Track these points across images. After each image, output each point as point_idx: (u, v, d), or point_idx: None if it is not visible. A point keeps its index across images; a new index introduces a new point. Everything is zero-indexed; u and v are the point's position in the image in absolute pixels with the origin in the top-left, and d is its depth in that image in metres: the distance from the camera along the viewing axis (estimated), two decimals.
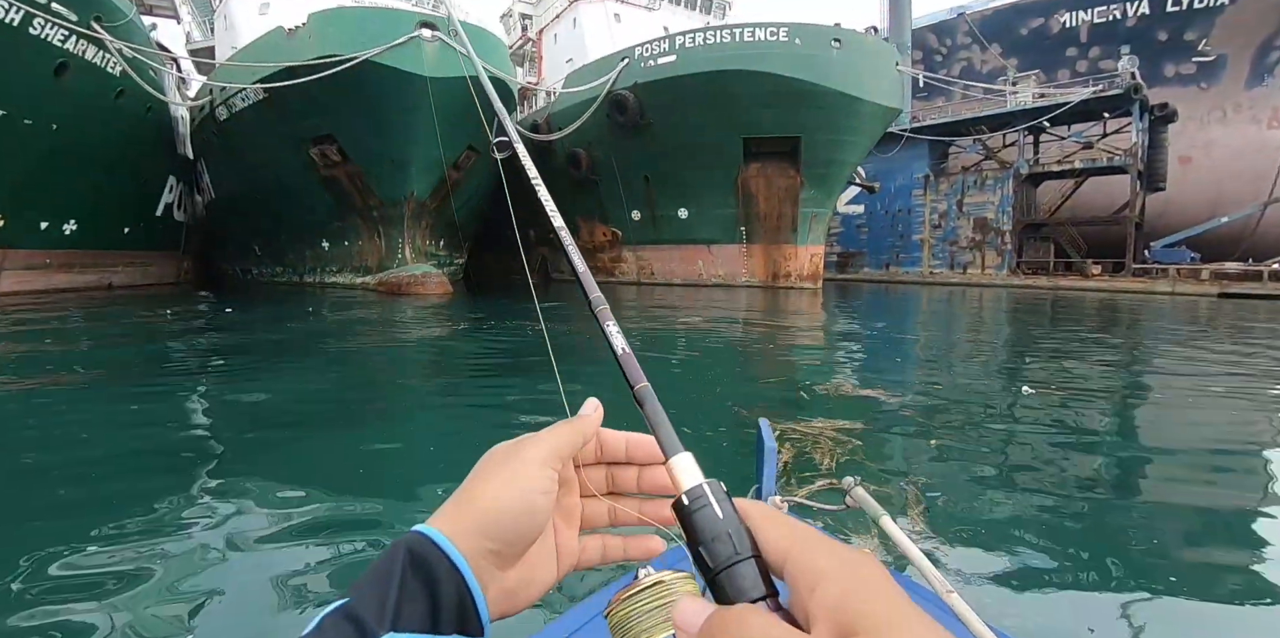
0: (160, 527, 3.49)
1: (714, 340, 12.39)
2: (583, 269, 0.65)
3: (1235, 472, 4.97)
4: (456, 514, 0.49)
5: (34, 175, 19.85)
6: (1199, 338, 13.27)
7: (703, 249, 30.97)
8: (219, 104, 25.31)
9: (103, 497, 3.94)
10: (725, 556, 0.40)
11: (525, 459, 0.50)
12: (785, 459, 4.64)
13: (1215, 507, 4.17)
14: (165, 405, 6.41)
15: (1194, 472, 4.95)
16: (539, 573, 0.53)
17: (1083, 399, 7.16)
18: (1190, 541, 3.67)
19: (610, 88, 27.86)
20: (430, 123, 21.26)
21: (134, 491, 4.07)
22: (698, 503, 0.43)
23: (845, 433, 5.46)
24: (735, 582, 0.39)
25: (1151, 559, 3.40)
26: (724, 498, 0.43)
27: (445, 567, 0.45)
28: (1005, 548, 3.48)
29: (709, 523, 0.42)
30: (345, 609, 0.42)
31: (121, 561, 3.07)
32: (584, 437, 0.55)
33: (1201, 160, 39.39)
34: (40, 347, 10.14)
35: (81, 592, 2.77)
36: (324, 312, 17.39)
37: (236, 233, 31.35)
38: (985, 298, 26.84)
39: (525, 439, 0.53)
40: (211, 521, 3.55)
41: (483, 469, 0.51)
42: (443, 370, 9.25)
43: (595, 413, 0.57)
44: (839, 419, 5.90)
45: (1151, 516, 4.03)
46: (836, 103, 25.91)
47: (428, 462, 4.76)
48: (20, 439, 5.18)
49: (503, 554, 0.49)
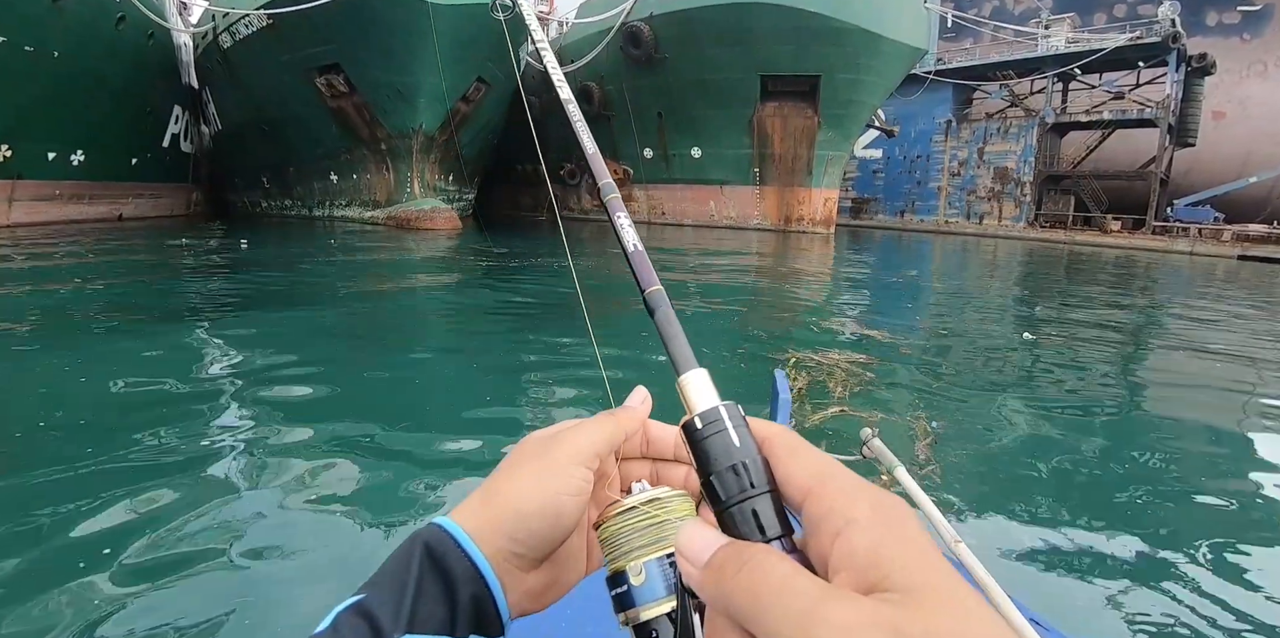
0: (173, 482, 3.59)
1: (728, 283, 12.36)
2: (592, 150, 0.62)
3: (1234, 436, 5.02)
4: (480, 511, 0.45)
5: (38, 104, 19.50)
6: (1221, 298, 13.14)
7: (715, 190, 30.49)
8: (222, 31, 24.58)
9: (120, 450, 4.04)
10: (739, 489, 0.36)
11: (556, 457, 0.46)
12: (801, 386, 4.77)
13: (1215, 456, 4.24)
14: (210, 344, 6.50)
15: (1196, 423, 5.00)
16: (566, 572, 0.49)
17: (1082, 347, 7.19)
18: (1192, 491, 3.74)
19: (625, 19, 26.83)
20: (437, 52, 20.67)
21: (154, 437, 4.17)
22: (712, 428, 0.39)
23: (859, 366, 5.58)
24: (748, 518, 0.35)
25: (1156, 512, 3.47)
26: (741, 424, 0.39)
27: (464, 566, 0.42)
28: (1005, 485, 3.57)
29: (723, 451, 0.38)
30: (360, 607, 0.40)
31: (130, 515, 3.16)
32: (626, 432, 0.50)
33: (1235, 116, 37.92)
34: (70, 284, 10.18)
35: (90, 548, 2.82)
36: (339, 245, 17.41)
37: (244, 165, 30.99)
38: (1000, 249, 26.51)
39: (562, 431, 0.49)
40: (227, 481, 3.65)
41: (512, 463, 0.48)
42: (465, 314, 9.31)
43: (643, 406, 0.52)
44: (852, 352, 6.05)
45: (1151, 464, 4.09)
46: (859, 40, 24.93)
47: (455, 409, 4.85)
48: (54, 378, 5.30)
49: (527, 557, 0.45)
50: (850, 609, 0.27)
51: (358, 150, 25.11)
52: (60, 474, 3.30)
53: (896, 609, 0.27)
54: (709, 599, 0.33)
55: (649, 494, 0.44)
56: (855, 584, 0.29)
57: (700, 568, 0.34)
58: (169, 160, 28.16)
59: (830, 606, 0.28)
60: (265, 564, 2.67)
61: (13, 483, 3.20)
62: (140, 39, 22.66)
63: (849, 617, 0.27)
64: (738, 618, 0.31)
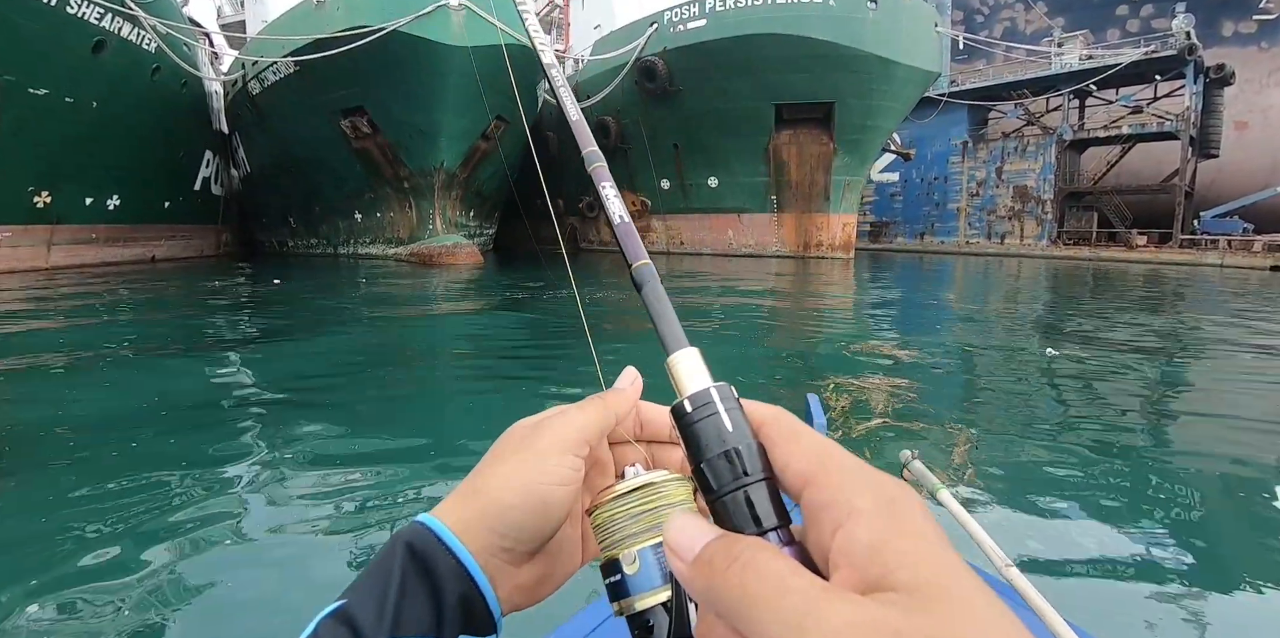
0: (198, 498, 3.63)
1: (748, 310, 12.34)
2: (576, 118, 0.60)
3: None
4: (464, 505, 0.43)
5: (76, 152, 20.34)
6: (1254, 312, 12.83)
7: (733, 218, 30.61)
8: (251, 78, 25.55)
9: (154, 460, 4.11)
10: (732, 477, 0.33)
11: (542, 445, 0.44)
12: (843, 405, 4.82)
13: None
14: (251, 367, 6.62)
15: (1230, 443, 4.85)
16: (560, 564, 0.47)
17: (1109, 364, 7.08)
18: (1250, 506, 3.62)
19: (639, 54, 27.40)
20: (459, 93, 21.23)
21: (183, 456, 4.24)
22: (703, 411, 0.36)
23: (896, 387, 5.59)
24: (742, 509, 0.33)
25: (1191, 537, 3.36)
26: (735, 407, 0.36)
27: (450, 563, 0.40)
28: (1041, 494, 3.50)
29: (714, 436, 0.35)
30: (341, 613, 0.38)
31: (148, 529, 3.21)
32: (617, 415, 0.47)
33: (1258, 125, 37.50)
34: (113, 318, 10.52)
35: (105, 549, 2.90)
36: (367, 281, 17.77)
37: (271, 205, 31.85)
38: (1024, 268, 26.20)
39: (549, 418, 0.46)
40: (247, 491, 3.69)
41: (496, 454, 0.45)
42: (487, 343, 9.40)
43: (632, 387, 0.49)
44: (886, 375, 6.09)
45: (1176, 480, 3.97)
46: (872, 67, 25.15)
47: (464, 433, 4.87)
48: (109, 397, 5.41)
49: (515, 551, 0.43)
50: (847, 611, 0.25)
51: (381, 189, 25.71)
52: (88, 491, 3.36)
53: (898, 611, 0.25)
54: (698, 597, 0.31)
55: (643, 479, 0.41)
56: (855, 582, 0.27)
57: (689, 564, 0.31)
58: (200, 203, 29.04)
59: (826, 607, 0.26)
60: (268, 579, 2.69)
61: (42, 495, 3.26)
62: (174, 88, 23.60)
63: (845, 620, 0.25)
64: (728, 617, 0.29)
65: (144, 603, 2.52)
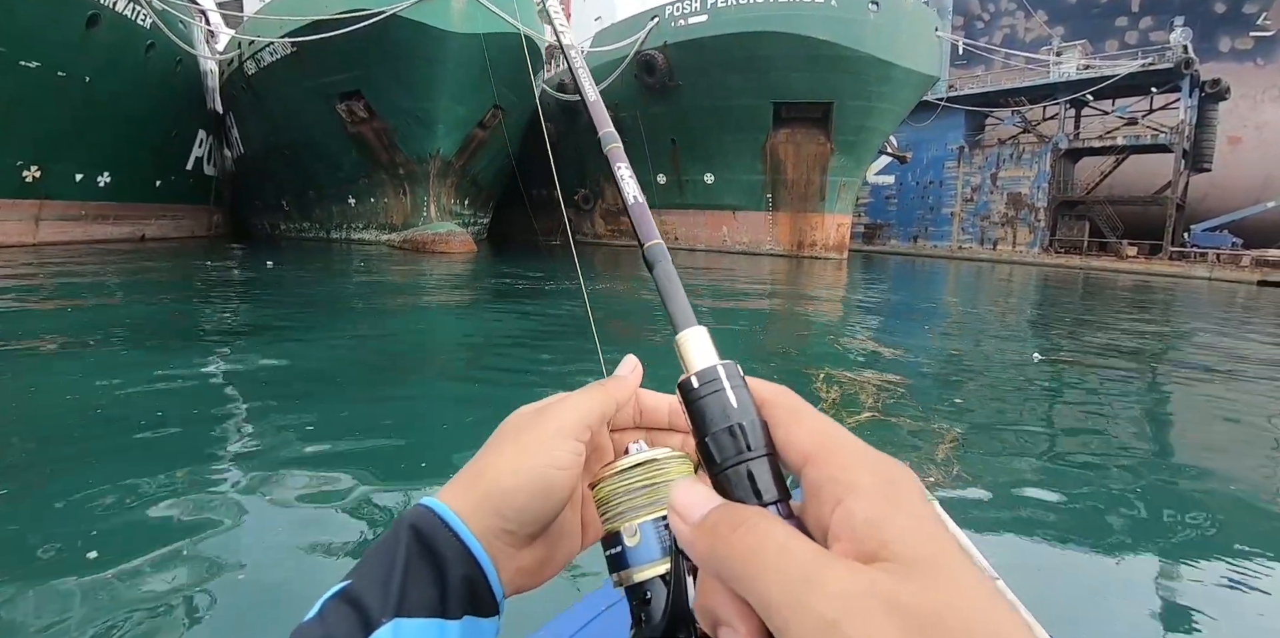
0: (187, 487, 3.61)
1: (742, 309, 12.37)
2: (594, 99, 0.61)
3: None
4: (468, 489, 0.43)
5: (68, 128, 20.11)
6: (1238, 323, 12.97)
7: (728, 215, 30.65)
8: (247, 58, 25.30)
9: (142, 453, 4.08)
10: (735, 451, 0.34)
11: (544, 430, 0.45)
12: (834, 397, 4.84)
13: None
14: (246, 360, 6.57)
15: (1217, 449, 4.91)
16: (561, 547, 0.48)
17: (1094, 368, 7.14)
18: (1230, 525, 3.65)
19: (639, 48, 27.34)
20: (457, 80, 21.12)
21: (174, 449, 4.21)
22: (709, 387, 0.37)
23: (888, 384, 5.64)
24: (743, 481, 0.34)
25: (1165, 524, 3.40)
26: (740, 384, 0.37)
27: (454, 545, 0.41)
28: (1022, 496, 3.53)
29: (719, 411, 0.36)
30: (347, 593, 0.38)
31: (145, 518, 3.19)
32: (617, 402, 0.48)
33: (1252, 141, 37.88)
34: (99, 301, 10.39)
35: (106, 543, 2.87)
36: (364, 265, 17.65)
37: (265, 188, 31.61)
38: (1015, 275, 26.38)
39: (550, 404, 0.47)
40: (240, 482, 3.67)
41: (499, 438, 0.46)
42: (479, 333, 9.37)
43: (633, 374, 0.50)
44: (875, 371, 6.14)
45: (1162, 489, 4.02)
46: (871, 68, 25.21)
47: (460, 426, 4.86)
48: (85, 393, 5.37)
49: (518, 534, 0.43)
50: (847, 577, 0.26)
51: (376, 175, 25.56)
52: (72, 480, 3.33)
53: (895, 579, 0.26)
54: (700, 560, 0.32)
55: (646, 455, 0.43)
56: (854, 553, 0.28)
57: (693, 526, 0.32)
58: (192, 183, 28.79)
59: (827, 572, 0.27)
60: (261, 569, 2.67)
61: (26, 488, 3.23)
62: (168, 66, 23.33)
63: (846, 585, 0.26)
64: (729, 581, 0.30)
65: (138, 595, 2.51)
